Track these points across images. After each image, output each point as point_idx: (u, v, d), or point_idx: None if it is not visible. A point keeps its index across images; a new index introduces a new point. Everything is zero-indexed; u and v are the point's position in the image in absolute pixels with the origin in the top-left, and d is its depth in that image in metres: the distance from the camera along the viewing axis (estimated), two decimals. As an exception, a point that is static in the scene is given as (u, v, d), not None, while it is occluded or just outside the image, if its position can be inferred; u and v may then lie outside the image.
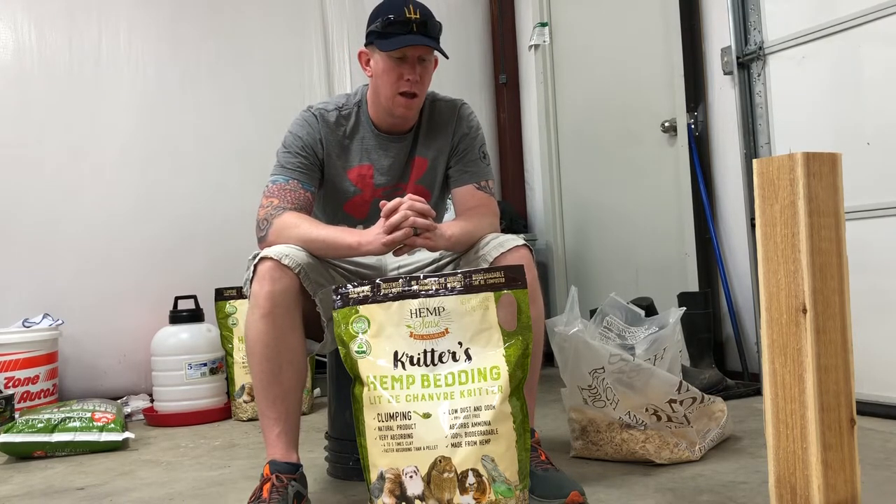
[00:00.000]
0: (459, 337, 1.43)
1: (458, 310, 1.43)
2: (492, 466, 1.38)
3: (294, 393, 1.68)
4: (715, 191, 3.11)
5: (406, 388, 1.42)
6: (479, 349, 1.43)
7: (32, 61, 3.31)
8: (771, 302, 1.30)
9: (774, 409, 1.30)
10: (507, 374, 1.41)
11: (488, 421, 1.39)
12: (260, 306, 1.64)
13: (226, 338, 3.15)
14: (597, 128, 3.69)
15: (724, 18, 2.92)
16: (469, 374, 1.42)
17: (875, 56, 2.42)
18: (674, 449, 1.92)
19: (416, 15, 1.78)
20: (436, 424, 1.39)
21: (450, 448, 1.38)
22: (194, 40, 3.56)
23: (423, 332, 1.44)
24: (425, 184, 1.96)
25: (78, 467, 2.33)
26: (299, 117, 1.91)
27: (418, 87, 1.83)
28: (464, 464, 1.37)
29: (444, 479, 1.37)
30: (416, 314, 1.44)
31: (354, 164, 1.91)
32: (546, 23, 3.94)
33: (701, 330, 2.90)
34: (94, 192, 3.35)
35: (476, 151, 1.95)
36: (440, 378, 1.42)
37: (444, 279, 1.45)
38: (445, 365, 1.43)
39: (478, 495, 1.37)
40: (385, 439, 1.41)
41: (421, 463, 1.38)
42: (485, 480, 1.37)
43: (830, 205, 1.29)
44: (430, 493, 1.38)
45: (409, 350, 1.44)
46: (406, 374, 1.43)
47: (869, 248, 2.38)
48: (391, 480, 1.40)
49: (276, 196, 1.82)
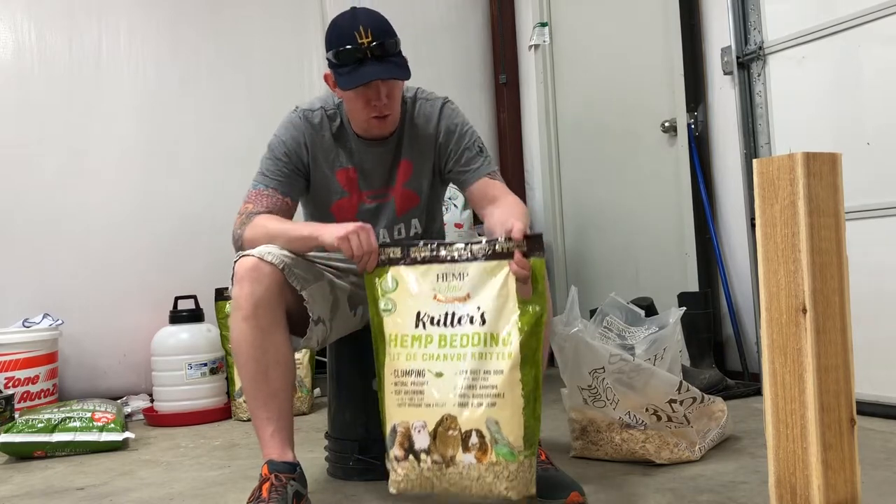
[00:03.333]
0: (479, 302, 1.49)
1: (480, 275, 1.49)
2: (495, 429, 1.42)
3: (284, 392, 1.68)
4: (715, 191, 3.11)
5: (423, 347, 1.49)
6: (494, 314, 1.48)
7: (32, 61, 3.31)
8: (771, 302, 1.30)
9: (774, 409, 1.30)
10: (519, 342, 1.45)
11: (496, 385, 1.43)
12: (241, 308, 1.63)
13: (226, 338, 3.14)
14: (597, 128, 3.69)
15: (724, 18, 2.92)
16: (482, 337, 1.47)
17: (875, 56, 2.41)
18: (674, 449, 1.92)
19: (368, 38, 1.70)
20: (446, 384, 1.46)
21: (456, 407, 1.44)
22: (194, 40, 3.56)
23: (447, 296, 1.51)
24: (413, 187, 1.94)
25: (78, 467, 2.33)
26: (286, 119, 1.89)
27: (388, 108, 1.79)
28: (468, 424, 1.43)
29: (449, 437, 1.44)
30: (442, 278, 1.51)
31: (342, 165, 1.90)
32: (546, 23, 3.94)
33: (701, 330, 2.89)
34: (94, 192, 3.35)
35: (472, 146, 1.91)
36: (456, 339, 1.48)
37: (469, 245, 1.52)
38: (462, 327, 1.48)
39: (479, 455, 1.42)
40: (399, 394, 1.49)
41: (429, 419, 1.45)
42: (487, 441, 1.42)
43: (830, 205, 1.29)
44: (434, 447, 1.45)
45: (431, 311, 1.51)
46: (425, 334, 1.50)
47: (869, 248, 2.38)
48: (402, 433, 1.48)
49: (252, 202, 1.83)
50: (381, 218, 1.93)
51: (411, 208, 1.95)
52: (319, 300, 1.73)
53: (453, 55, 4.07)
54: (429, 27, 4.01)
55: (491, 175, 1.90)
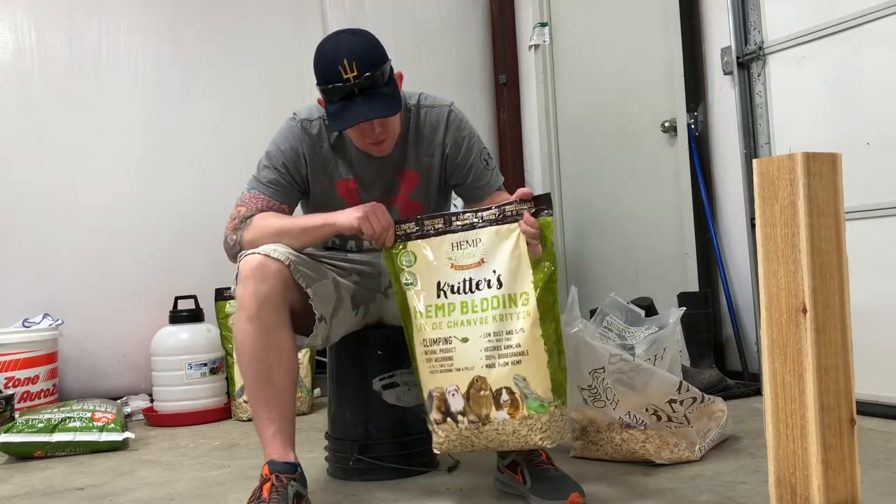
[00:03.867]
0: (493, 265, 1.57)
1: (492, 239, 1.58)
2: (524, 385, 1.52)
3: (286, 392, 1.68)
4: (715, 191, 3.11)
5: (448, 315, 1.58)
6: (509, 276, 1.56)
7: (32, 61, 3.31)
8: (771, 302, 1.30)
9: (774, 409, 1.30)
10: (535, 299, 1.53)
11: (518, 343, 1.53)
12: (245, 308, 1.63)
13: (226, 338, 3.15)
14: (597, 128, 3.69)
15: (724, 18, 2.92)
16: (501, 299, 1.55)
17: (875, 56, 2.41)
18: (674, 449, 1.92)
19: (353, 73, 1.62)
20: (472, 347, 1.55)
21: (484, 369, 1.54)
22: (194, 40, 3.56)
23: (463, 263, 1.59)
24: (418, 198, 1.92)
25: (78, 467, 2.33)
26: (285, 127, 1.86)
27: (384, 134, 1.76)
28: (497, 382, 1.53)
29: (481, 397, 1.54)
30: (457, 247, 1.60)
31: (341, 176, 1.87)
32: (546, 23, 3.94)
33: (701, 330, 2.90)
34: (94, 192, 3.35)
35: (480, 162, 1.91)
36: (476, 304, 1.57)
37: (480, 212, 1.60)
38: (481, 292, 1.57)
39: (512, 411, 1.53)
40: (430, 362, 1.59)
41: (461, 382, 1.55)
42: (517, 397, 1.52)
43: (830, 205, 1.29)
44: (469, 408, 1.55)
45: (450, 280, 1.60)
46: (448, 303, 1.59)
47: (869, 248, 2.38)
48: (437, 398, 1.58)
49: (244, 205, 1.81)
50: None
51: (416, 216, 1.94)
52: (324, 298, 1.73)
53: (453, 55, 4.07)
54: (429, 27, 4.01)
55: (499, 189, 1.93)
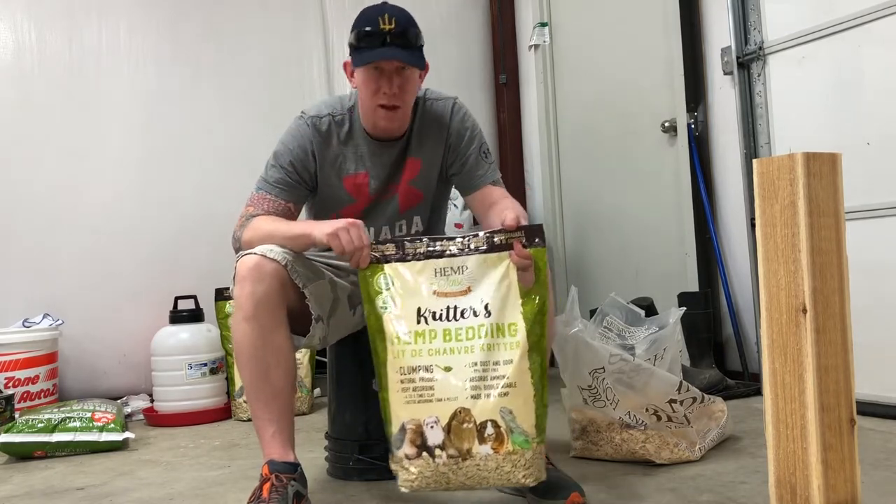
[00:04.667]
0: (481, 294, 1.51)
1: (480, 268, 1.52)
2: (510, 418, 1.45)
3: (285, 392, 1.68)
4: (715, 191, 3.11)
5: (428, 343, 1.50)
6: (498, 305, 1.50)
7: (32, 61, 3.31)
8: (771, 302, 1.30)
9: (774, 409, 1.30)
10: (525, 330, 1.47)
11: (507, 375, 1.46)
12: (242, 308, 1.63)
13: (226, 338, 3.15)
14: (597, 128, 3.69)
15: (724, 18, 2.92)
16: (489, 329, 1.49)
17: (875, 56, 2.41)
18: (674, 449, 1.92)
19: (390, 25, 1.73)
20: (457, 377, 1.46)
21: (469, 400, 1.45)
22: (194, 40, 3.56)
23: (447, 290, 1.52)
24: (419, 185, 1.93)
25: (78, 467, 2.33)
26: (293, 126, 1.88)
27: (398, 99, 1.78)
28: (482, 415, 1.45)
29: (464, 430, 1.45)
30: (441, 273, 1.52)
31: (350, 172, 1.89)
32: (546, 23, 3.93)
33: (701, 330, 2.89)
34: (94, 192, 3.35)
35: (478, 152, 1.92)
36: (461, 332, 1.49)
37: (467, 239, 1.53)
38: (466, 320, 1.50)
39: (496, 445, 1.44)
40: (407, 391, 1.48)
41: (442, 414, 1.46)
42: (503, 431, 1.44)
43: (830, 205, 1.29)
44: (450, 442, 1.45)
45: (431, 306, 1.52)
46: (428, 329, 1.50)
47: (869, 248, 2.38)
48: (413, 431, 1.47)
49: (253, 205, 1.84)
50: (382, 214, 1.93)
51: (415, 205, 1.95)
52: (321, 298, 1.73)
53: (453, 55, 4.07)
54: (429, 27, 3.96)
55: (494, 183, 1.91)
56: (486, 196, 1.89)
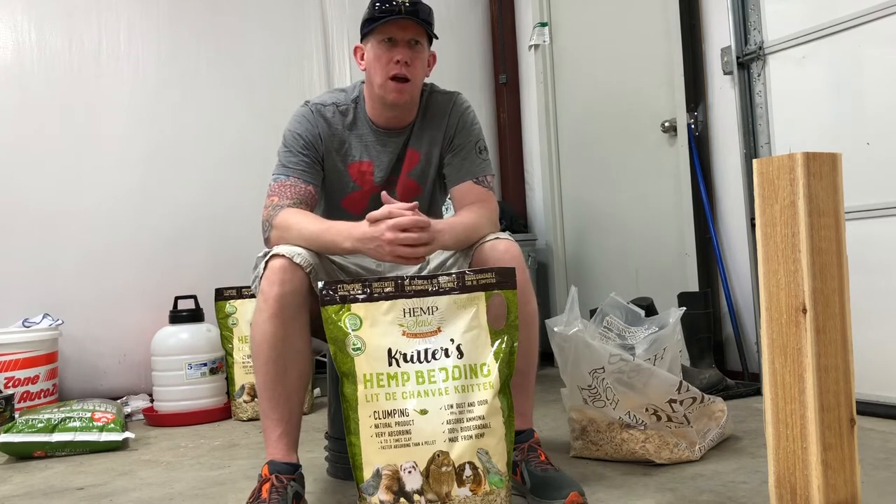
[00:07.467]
0: (451, 335, 1.49)
1: (450, 308, 1.49)
2: (486, 459, 1.45)
3: (297, 394, 1.68)
4: (715, 191, 3.11)
5: (402, 385, 1.46)
6: (469, 346, 1.48)
7: (32, 61, 3.31)
8: (771, 302, 1.30)
9: (774, 409, 1.30)
10: (497, 371, 1.48)
11: (482, 415, 1.46)
12: (269, 307, 1.63)
13: (226, 338, 3.15)
14: (597, 128, 3.69)
15: (724, 18, 2.92)
16: (462, 370, 1.48)
17: (875, 56, 2.42)
18: (674, 449, 1.92)
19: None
20: (433, 420, 1.44)
21: (447, 443, 1.43)
22: (194, 40, 3.56)
23: (417, 331, 1.49)
24: (416, 177, 1.94)
25: (78, 467, 2.33)
26: (297, 113, 1.90)
27: (410, 71, 1.81)
28: (461, 457, 1.44)
29: (443, 473, 1.43)
30: (410, 313, 1.49)
31: (354, 159, 1.90)
32: (546, 23, 3.94)
33: (701, 330, 2.89)
34: (93, 192, 3.35)
35: (472, 146, 1.92)
36: (434, 374, 1.47)
37: (437, 279, 1.50)
38: (438, 361, 1.48)
39: (474, 487, 1.44)
40: (382, 436, 1.44)
41: (419, 458, 1.43)
42: (480, 472, 1.44)
43: (830, 205, 1.29)
44: (428, 486, 1.42)
45: (402, 348, 1.48)
46: (401, 372, 1.47)
47: (869, 248, 2.38)
48: (388, 476, 1.42)
49: (276, 194, 1.82)
50: None
51: (413, 199, 1.94)
52: None
53: (453, 55, 4.07)
54: (429, 27, 4.01)
55: (477, 179, 1.90)
56: (466, 193, 1.89)
